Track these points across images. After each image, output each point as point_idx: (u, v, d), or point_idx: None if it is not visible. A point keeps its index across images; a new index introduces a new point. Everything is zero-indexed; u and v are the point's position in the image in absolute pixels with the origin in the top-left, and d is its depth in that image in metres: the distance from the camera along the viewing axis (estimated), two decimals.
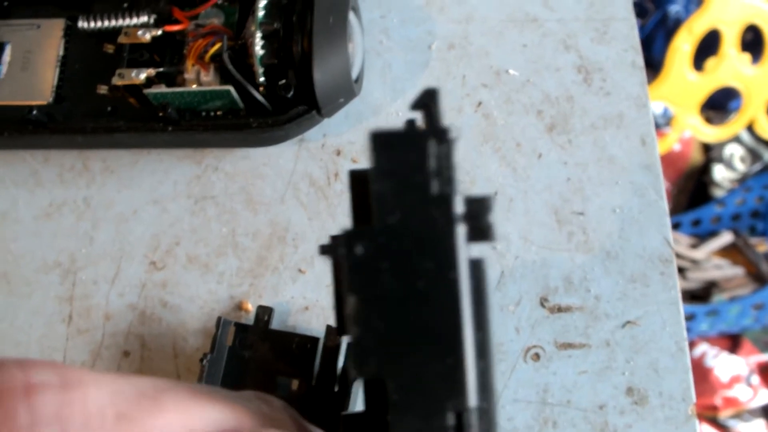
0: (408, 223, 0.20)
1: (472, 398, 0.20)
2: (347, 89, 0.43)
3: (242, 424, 0.18)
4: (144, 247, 0.46)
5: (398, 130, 0.21)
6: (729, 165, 1.22)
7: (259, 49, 0.43)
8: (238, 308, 0.44)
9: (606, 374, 0.41)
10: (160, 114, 0.44)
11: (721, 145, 1.22)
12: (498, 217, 0.44)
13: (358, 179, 0.22)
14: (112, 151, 0.48)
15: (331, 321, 0.43)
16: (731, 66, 0.99)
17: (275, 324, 0.43)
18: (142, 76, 0.44)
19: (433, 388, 0.20)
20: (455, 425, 0.20)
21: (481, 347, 0.20)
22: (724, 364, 1.11)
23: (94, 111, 0.46)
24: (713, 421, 1.13)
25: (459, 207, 0.20)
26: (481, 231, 0.21)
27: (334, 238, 0.22)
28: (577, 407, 0.41)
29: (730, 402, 1.11)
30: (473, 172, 0.45)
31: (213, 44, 0.45)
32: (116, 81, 0.45)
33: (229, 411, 0.18)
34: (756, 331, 1.14)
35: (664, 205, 0.43)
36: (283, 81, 0.43)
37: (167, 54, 0.46)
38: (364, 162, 0.46)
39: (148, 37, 0.46)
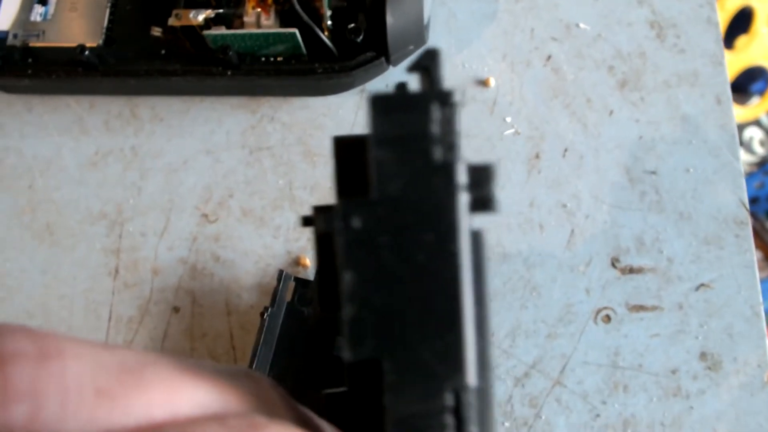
0: (408, 193, 0.18)
1: (472, 377, 0.18)
2: (418, 36, 0.42)
3: (230, 406, 0.16)
4: (195, 198, 0.45)
5: (399, 94, 0.19)
6: (748, 148, 1.21)
7: None
8: (296, 263, 0.43)
9: (679, 338, 0.40)
10: (220, 56, 0.42)
11: (741, 128, 1.21)
12: (568, 175, 0.42)
13: (345, 146, 0.20)
14: (161, 99, 0.47)
15: None
16: (762, 44, 0.97)
17: None
18: (201, 17, 0.43)
19: (431, 367, 0.18)
20: (454, 405, 0.18)
21: (479, 324, 0.19)
22: None
23: (147, 54, 0.44)
24: None
25: (462, 176, 0.18)
26: (483, 201, 0.20)
27: (318, 209, 0.20)
28: (649, 371, 0.39)
29: None
30: (542, 127, 0.43)
31: None
32: (172, 22, 0.43)
33: (217, 391, 0.16)
34: None
35: (740, 166, 0.42)
36: (353, 24, 0.41)
37: None
38: None
39: None
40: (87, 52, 0.43)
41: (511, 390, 0.40)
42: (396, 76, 0.45)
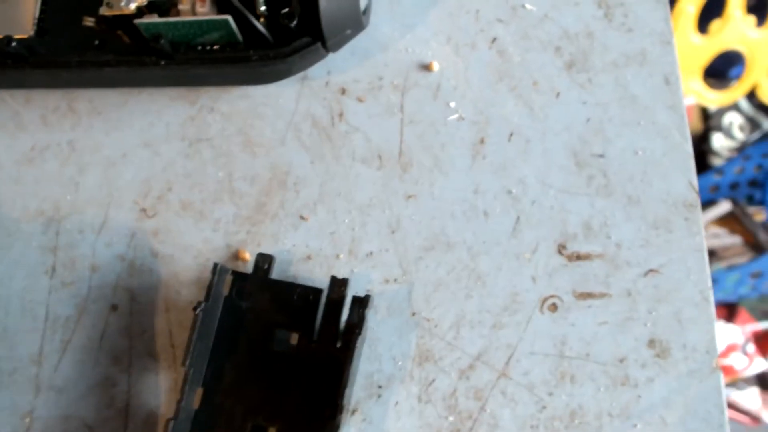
0: None
1: None
2: (355, 20, 0.40)
3: None
4: (134, 193, 0.43)
5: None
6: (728, 133, 1.20)
7: None
8: (235, 257, 0.42)
9: (627, 325, 0.39)
10: (152, 46, 0.40)
11: (720, 114, 1.20)
12: (514, 159, 0.41)
13: None
14: (99, 91, 0.45)
15: (334, 272, 0.40)
16: (736, 28, 0.96)
17: (275, 274, 0.40)
18: (132, 5, 0.41)
19: None
20: None
21: None
22: (720, 333, 1.10)
23: (80, 45, 0.43)
24: None
25: None
26: None
27: None
28: (597, 360, 0.38)
29: (726, 370, 1.10)
30: (487, 111, 0.42)
31: None
32: (104, 11, 0.42)
33: None
34: (752, 300, 1.13)
35: (689, 148, 0.41)
36: (286, 9, 0.40)
37: None
38: (370, 102, 0.43)
39: None
40: (14, 44, 0.41)
41: (456, 383, 0.39)
42: (337, 62, 0.43)
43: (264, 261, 0.40)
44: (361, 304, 0.38)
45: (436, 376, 0.39)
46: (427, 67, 0.43)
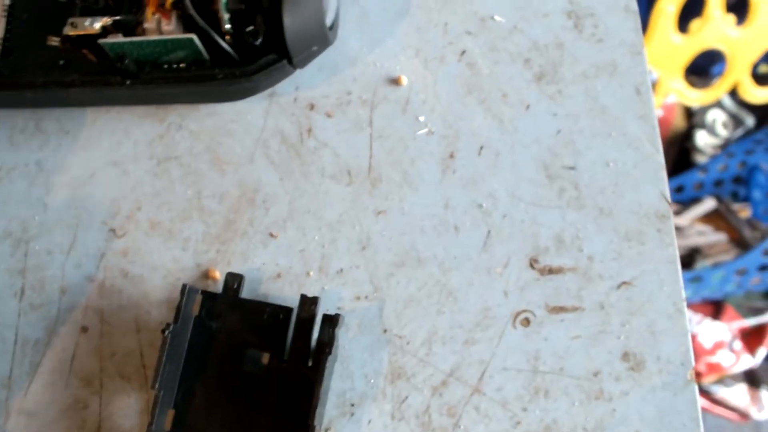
0: None
1: None
2: (320, 36, 0.40)
3: None
4: (103, 213, 0.43)
5: None
6: (711, 131, 1.20)
7: None
8: (205, 276, 0.41)
9: (600, 339, 0.38)
10: (117, 66, 0.40)
11: (704, 111, 1.20)
12: (484, 173, 0.41)
13: None
14: (67, 111, 0.45)
15: (305, 290, 0.40)
16: (716, 27, 0.96)
17: (245, 293, 0.40)
18: (97, 25, 0.41)
19: None
20: None
21: None
22: (707, 331, 1.10)
23: (46, 65, 0.43)
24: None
25: None
26: None
27: None
28: (570, 375, 0.38)
29: (713, 368, 1.10)
30: (457, 125, 0.42)
31: None
32: (68, 31, 0.41)
33: None
34: (738, 297, 1.13)
35: (661, 159, 0.40)
36: (251, 27, 0.40)
37: (125, 1, 0.43)
38: (339, 117, 0.42)
39: None
40: None
41: (429, 400, 0.38)
42: (305, 78, 0.43)
43: (233, 280, 0.39)
44: (331, 322, 0.38)
45: (408, 393, 0.38)
46: (395, 81, 0.42)
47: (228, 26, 0.40)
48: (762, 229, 1.14)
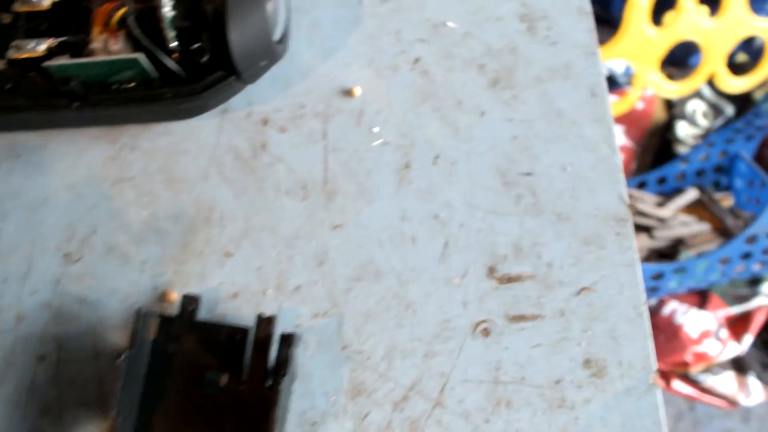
0: None
1: None
2: (269, 50, 0.39)
3: None
4: (58, 237, 0.42)
5: None
6: (692, 121, 1.20)
7: (168, 11, 0.39)
8: (163, 299, 0.41)
9: (561, 346, 0.38)
10: (63, 89, 0.39)
11: (684, 102, 1.20)
12: (440, 183, 0.40)
13: None
14: (18, 134, 0.44)
15: (262, 309, 0.39)
16: (689, 19, 0.96)
17: (203, 314, 0.39)
18: (42, 47, 0.40)
19: None
20: None
21: None
22: (693, 320, 1.10)
23: None
24: (684, 377, 1.12)
25: None
26: None
27: None
28: (532, 384, 0.38)
29: (701, 357, 1.10)
30: (412, 134, 0.41)
31: (119, 8, 0.40)
32: (12, 54, 0.40)
33: None
34: (723, 286, 1.13)
35: (618, 160, 0.40)
36: (197, 45, 0.39)
37: (71, 22, 0.42)
38: (293, 131, 0.42)
39: (47, 3, 0.41)
40: None
41: (390, 415, 0.38)
42: (257, 92, 0.42)
43: (189, 302, 0.39)
44: (288, 342, 0.37)
45: (370, 409, 0.38)
46: (349, 93, 0.42)
47: (174, 44, 0.39)
48: (744, 217, 1.14)
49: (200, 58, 0.39)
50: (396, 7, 0.43)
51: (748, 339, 1.11)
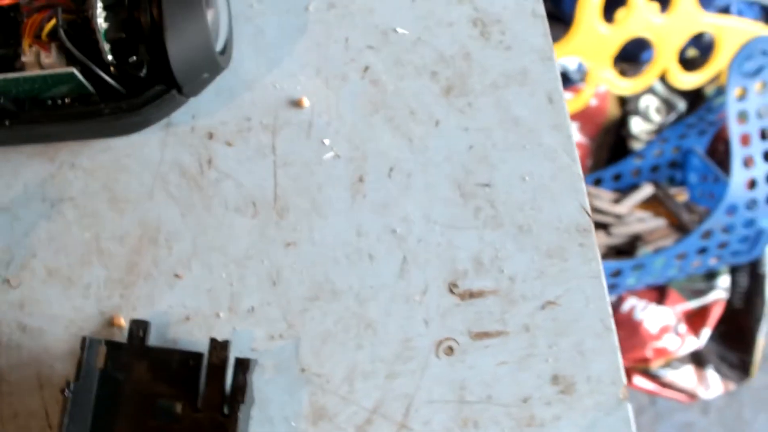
0: None
1: None
2: (210, 62, 0.37)
3: None
4: None
5: None
6: (645, 117, 1.21)
7: (102, 22, 0.37)
8: (110, 324, 0.39)
9: (528, 363, 0.37)
10: None
11: (637, 98, 1.20)
12: (396, 196, 0.39)
13: None
14: None
15: (215, 333, 0.38)
16: (641, 16, 0.96)
17: (153, 339, 0.37)
18: None
19: None
20: None
21: None
22: (652, 316, 1.11)
23: None
24: (645, 372, 1.13)
25: None
26: None
27: None
28: (499, 402, 0.36)
29: (660, 352, 1.11)
30: (364, 146, 0.39)
31: (50, 19, 0.38)
32: None
33: None
34: (681, 281, 1.14)
35: (578, 169, 0.39)
36: (134, 58, 0.37)
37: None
38: (240, 145, 0.40)
39: None
40: None
41: None
42: (201, 105, 0.40)
43: (138, 327, 0.37)
44: (243, 367, 0.35)
45: None
46: (297, 104, 0.40)
47: (110, 57, 0.37)
48: (699, 211, 1.14)
49: (138, 71, 0.37)
50: (343, 13, 0.41)
51: (706, 333, 1.12)
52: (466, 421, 0.36)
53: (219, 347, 0.36)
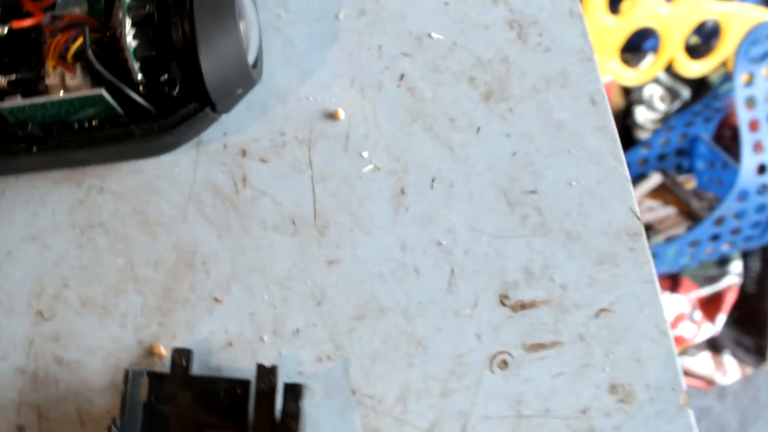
0: None
1: None
2: (244, 77, 0.36)
3: None
4: (25, 294, 0.38)
5: None
6: (650, 106, 1.20)
7: (131, 40, 0.35)
8: (150, 354, 0.37)
9: (584, 373, 0.36)
10: (20, 133, 0.36)
11: (641, 87, 1.19)
12: (440, 207, 0.38)
13: None
14: None
15: (260, 357, 0.36)
16: (647, 6, 0.95)
17: (196, 368, 0.36)
18: None
19: None
20: None
21: None
22: (667, 305, 1.10)
23: None
24: None
25: None
26: None
27: None
28: (557, 415, 0.35)
29: (677, 341, 1.10)
30: (404, 157, 0.38)
31: (75, 39, 0.36)
32: None
33: None
34: (693, 268, 1.13)
35: (625, 171, 0.38)
36: (166, 76, 0.36)
37: (21, 56, 0.38)
38: (275, 161, 0.39)
39: None
40: None
41: None
42: (232, 121, 0.39)
43: (181, 356, 0.36)
44: (294, 393, 0.34)
45: None
46: (332, 116, 0.39)
47: (140, 76, 0.36)
48: (708, 198, 1.14)
49: (171, 90, 0.35)
50: (374, 20, 0.40)
51: (721, 319, 1.12)
52: None
53: (267, 373, 0.35)
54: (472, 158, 0.38)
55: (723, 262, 1.14)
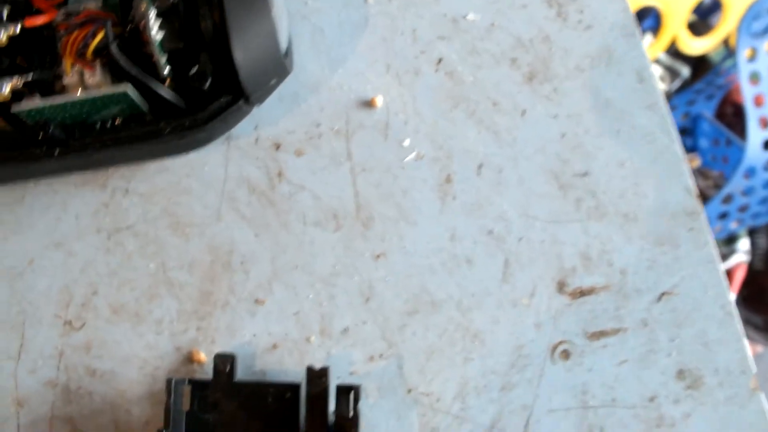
0: None
1: None
2: (278, 66, 0.34)
3: None
4: (52, 304, 0.36)
5: None
6: None
7: (156, 32, 0.33)
8: (189, 361, 0.35)
9: (650, 359, 0.34)
10: (40, 136, 0.34)
11: None
12: (489, 194, 0.36)
13: None
14: None
15: (308, 359, 0.35)
16: None
17: (240, 373, 0.34)
18: (5, 89, 0.34)
19: None
20: None
21: None
22: None
23: None
24: None
25: None
26: None
27: None
28: (624, 405, 0.34)
29: None
30: (448, 144, 0.37)
31: (94, 34, 0.34)
32: None
33: None
34: None
35: (678, 149, 0.36)
36: (195, 68, 0.34)
37: (35, 56, 0.36)
38: (312, 154, 0.37)
39: (3, 37, 0.35)
40: None
41: None
42: (264, 113, 0.37)
43: (224, 362, 0.34)
44: (347, 395, 0.32)
45: None
46: (369, 104, 0.37)
47: (166, 70, 0.34)
48: (713, 176, 1.13)
49: (202, 83, 0.33)
50: (406, 4, 0.38)
51: (732, 297, 1.11)
52: (591, 427, 0.34)
53: (317, 375, 0.33)
54: (519, 142, 0.36)
55: (730, 240, 1.14)
